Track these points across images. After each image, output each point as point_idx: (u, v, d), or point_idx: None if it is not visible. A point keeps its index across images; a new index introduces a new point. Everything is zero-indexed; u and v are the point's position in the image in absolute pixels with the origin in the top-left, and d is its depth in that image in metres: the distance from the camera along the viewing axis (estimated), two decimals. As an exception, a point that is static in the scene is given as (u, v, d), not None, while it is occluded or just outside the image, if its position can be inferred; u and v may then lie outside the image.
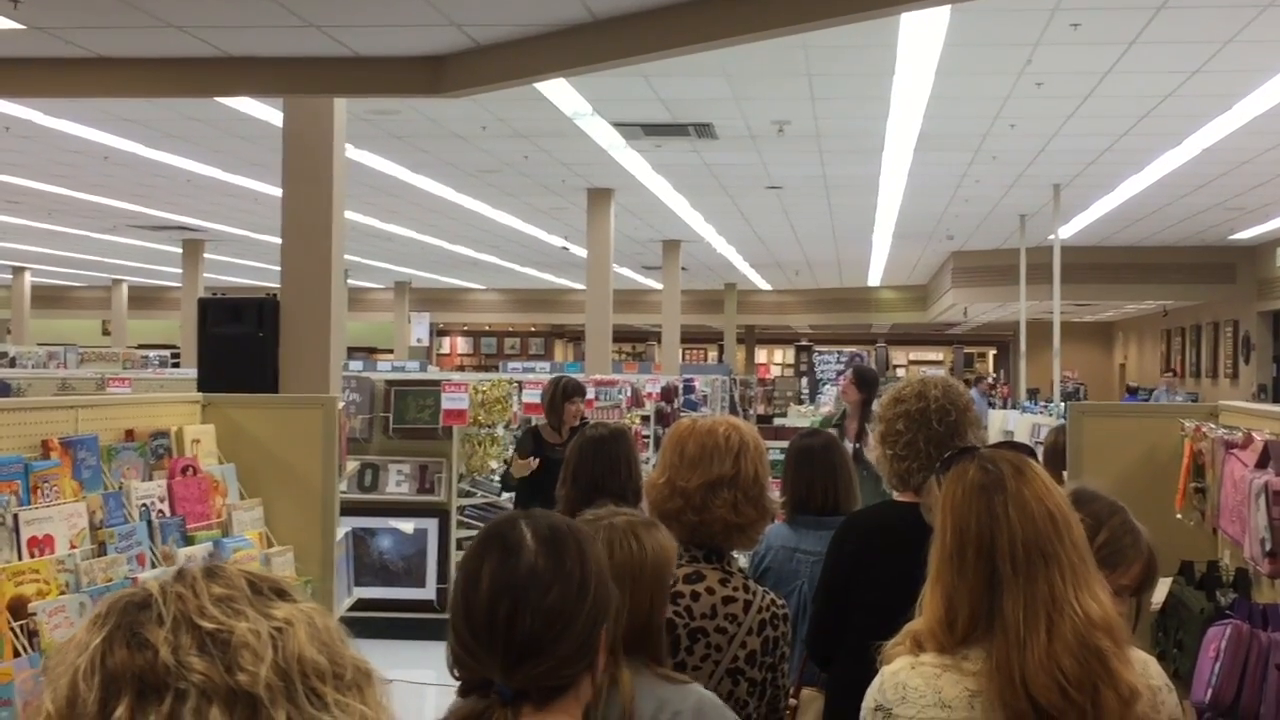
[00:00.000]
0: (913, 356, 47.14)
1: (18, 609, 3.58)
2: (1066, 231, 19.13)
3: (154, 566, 4.21)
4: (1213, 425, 4.37)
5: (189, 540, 4.54)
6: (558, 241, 23.45)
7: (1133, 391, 28.25)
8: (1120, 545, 3.03)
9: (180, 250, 24.89)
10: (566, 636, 2.00)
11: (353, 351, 30.96)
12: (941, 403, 3.75)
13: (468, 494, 10.25)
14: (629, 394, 14.49)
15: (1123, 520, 3.09)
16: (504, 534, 2.09)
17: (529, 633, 1.98)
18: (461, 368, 39.85)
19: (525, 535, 2.08)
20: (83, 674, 1.25)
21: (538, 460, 8.39)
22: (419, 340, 30.99)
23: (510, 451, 10.87)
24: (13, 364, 20.06)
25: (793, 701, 4.33)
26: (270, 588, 1.35)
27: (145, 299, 36.31)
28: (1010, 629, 2.38)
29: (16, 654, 3.48)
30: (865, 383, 9.39)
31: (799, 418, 19.32)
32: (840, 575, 3.96)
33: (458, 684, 2.06)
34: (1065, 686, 2.33)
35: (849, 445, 8.66)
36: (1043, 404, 16.39)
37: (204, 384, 7.65)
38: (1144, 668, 2.54)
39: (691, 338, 39.65)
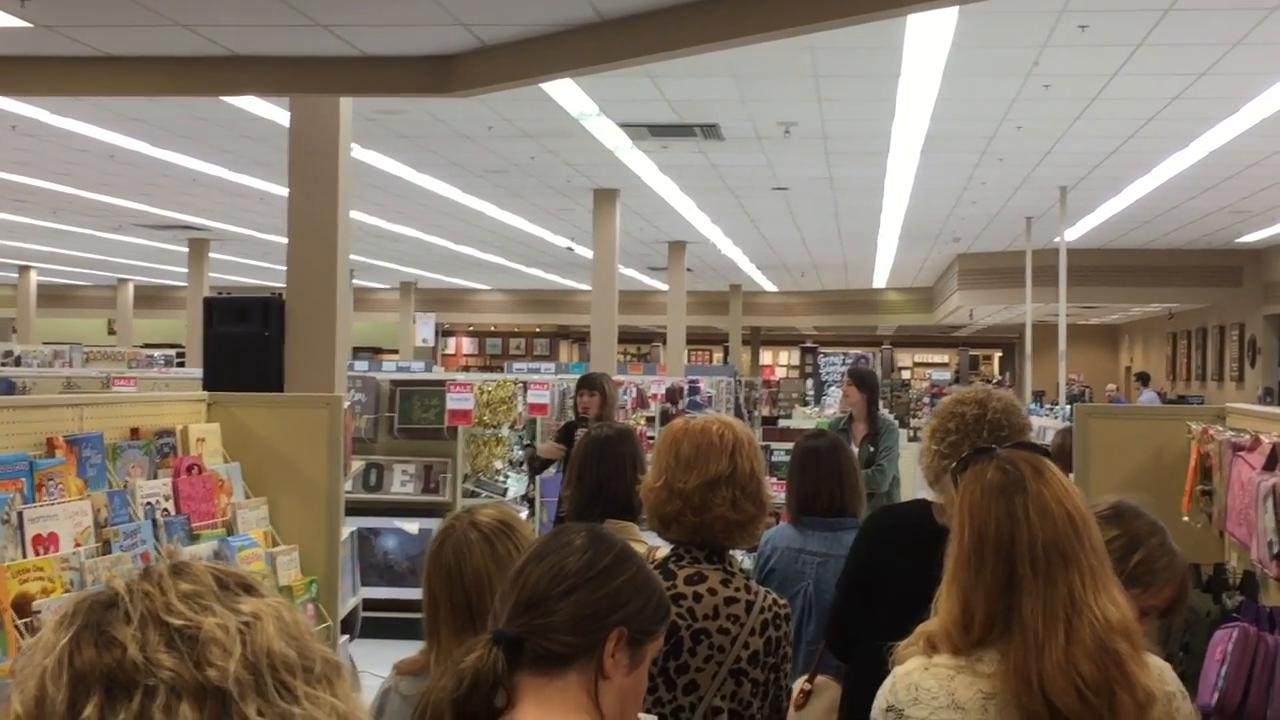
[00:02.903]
0: (918, 359, 47.13)
1: (22, 607, 3.58)
2: (1073, 234, 19.11)
3: (158, 565, 4.19)
4: (1220, 427, 4.36)
5: (194, 539, 4.53)
6: (563, 242, 23.45)
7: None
8: (1155, 566, 3.01)
9: (186, 249, 24.91)
10: (568, 600, 2.12)
11: (358, 351, 30.96)
12: (998, 418, 3.70)
13: (472, 494, 10.24)
14: (634, 395, 14.48)
15: (1161, 541, 3.07)
16: (569, 528, 2.29)
17: (534, 586, 2.13)
18: (466, 368, 39.85)
19: (582, 529, 2.26)
20: (50, 674, 1.25)
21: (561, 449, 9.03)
22: (424, 340, 31.00)
23: (516, 451, 10.91)
24: (18, 363, 20.09)
25: (807, 686, 4.34)
26: (237, 583, 1.35)
27: (151, 298, 36.34)
28: (1028, 631, 2.37)
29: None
30: (864, 383, 9.33)
31: (804, 419, 19.29)
32: (865, 568, 3.97)
33: None
34: (1083, 690, 2.32)
35: (855, 449, 8.64)
36: (1048, 406, 16.40)
37: (209, 383, 7.64)
38: (1160, 673, 2.53)
39: (697, 339, 39.61)
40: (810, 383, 34.47)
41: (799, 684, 4.37)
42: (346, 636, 5.38)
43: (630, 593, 2.17)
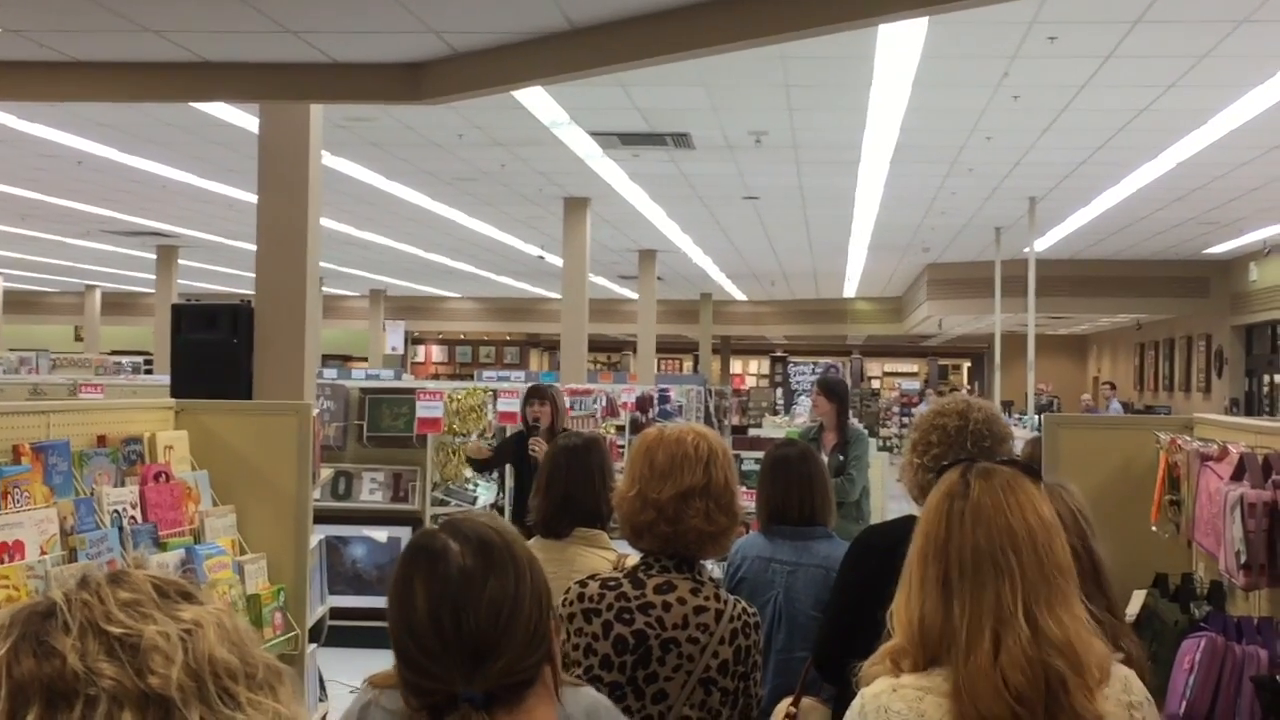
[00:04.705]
0: (887, 368, 47.27)
1: (-14, 615, 3.54)
2: (1042, 244, 19.20)
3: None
4: (1188, 438, 4.37)
5: (161, 547, 4.50)
6: (534, 250, 23.42)
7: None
8: None
9: (154, 256, 24.77)
10: (515, 626, 2.00)
11: (327, 359, 30.81)
12: (980, 428, 3.69)
13: (441, 502, 10.21)
14: (604, 404, 14.46)
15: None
16: (427, 546, 2.09)
17: (477, 631, 1.98)
18: (436, 376, 39.74)
19: (448, 541, 2.08)
20: None
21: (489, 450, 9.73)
22: (394, 348, 30.94)
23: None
24: (-16, 369, 19.93)
25: (793, 710, 4.30)
26: (176, 590, 1.35)
27: (118, 305, 36.14)
28: (957, 637, 2.34)
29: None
30: (834, 393, 9.34)
31: (774, 428, 19.31)
32: (855, 589, 3.91)
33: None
34: (1008, 699, 2.28)
35: (825, 458, 8.64)
36: (1017, 416, 16.47)
37: (177, 390, 7.59)
38: (1125, 683, 2.49)
39: (667, 348, 39.66)
40: (780, 392, 34.55)
41: (783, 707, 4.34)
42: (314, 645, 5.34)
43: (539, 576, 2.10)
